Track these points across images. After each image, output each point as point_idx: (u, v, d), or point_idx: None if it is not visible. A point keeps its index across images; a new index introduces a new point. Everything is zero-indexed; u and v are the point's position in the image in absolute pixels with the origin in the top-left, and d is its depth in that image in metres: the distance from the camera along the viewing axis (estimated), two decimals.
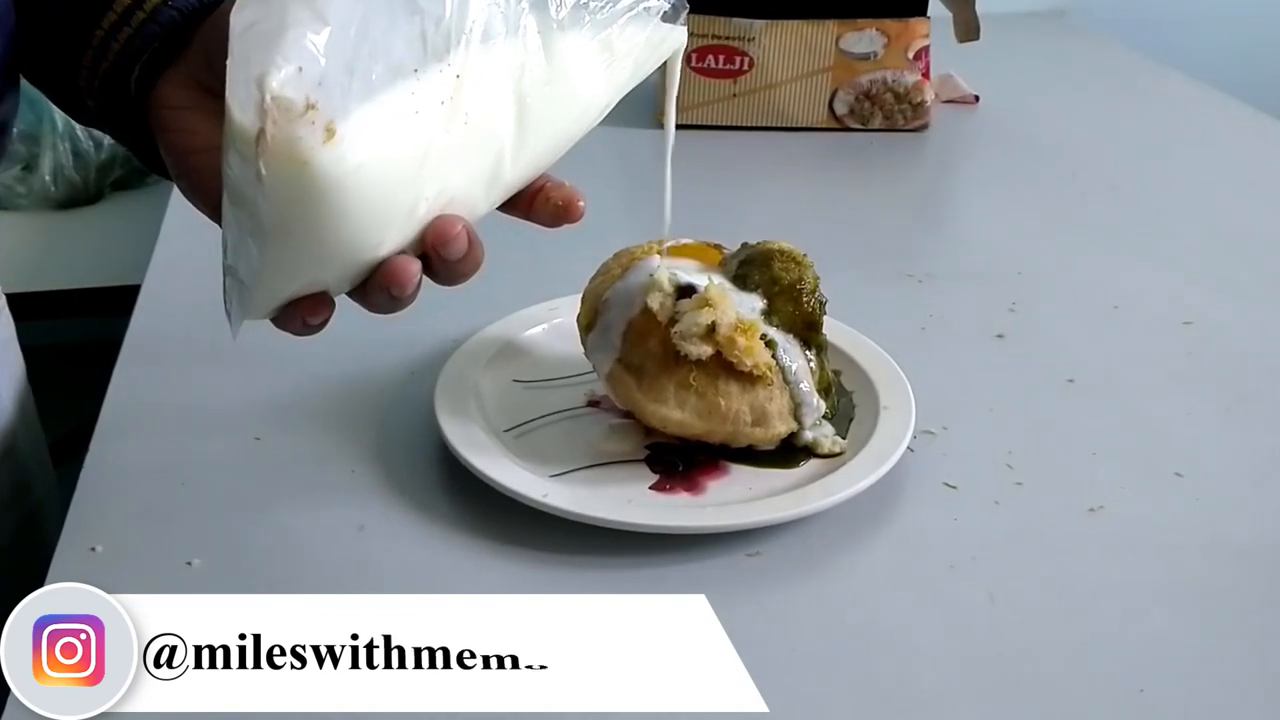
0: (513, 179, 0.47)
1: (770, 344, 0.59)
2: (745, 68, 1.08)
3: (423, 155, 0.42)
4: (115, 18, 0.48)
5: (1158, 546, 0.56)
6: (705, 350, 0.58)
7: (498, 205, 0.48)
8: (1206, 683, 0.49)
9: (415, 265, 0.44)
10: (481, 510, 0.56)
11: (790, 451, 0.60)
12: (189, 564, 0.53)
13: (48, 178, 1.37)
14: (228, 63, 0.39)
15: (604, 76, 0.48)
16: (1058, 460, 0.62)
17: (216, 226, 0.66)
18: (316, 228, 0.41)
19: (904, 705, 0.47)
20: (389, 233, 0.43)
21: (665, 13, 0.49)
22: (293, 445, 0.62)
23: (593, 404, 0.64)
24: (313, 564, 0.54)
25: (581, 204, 0.49)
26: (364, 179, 0.40)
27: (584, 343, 0.62)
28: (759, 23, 1.08)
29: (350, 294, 0.46)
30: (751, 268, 0.62)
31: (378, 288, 0.45)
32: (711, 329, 0.58)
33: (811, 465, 0.59)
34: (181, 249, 0.84)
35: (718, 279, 0.60)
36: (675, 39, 0.51)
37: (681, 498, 0.57)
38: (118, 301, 0.85)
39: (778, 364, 0.59)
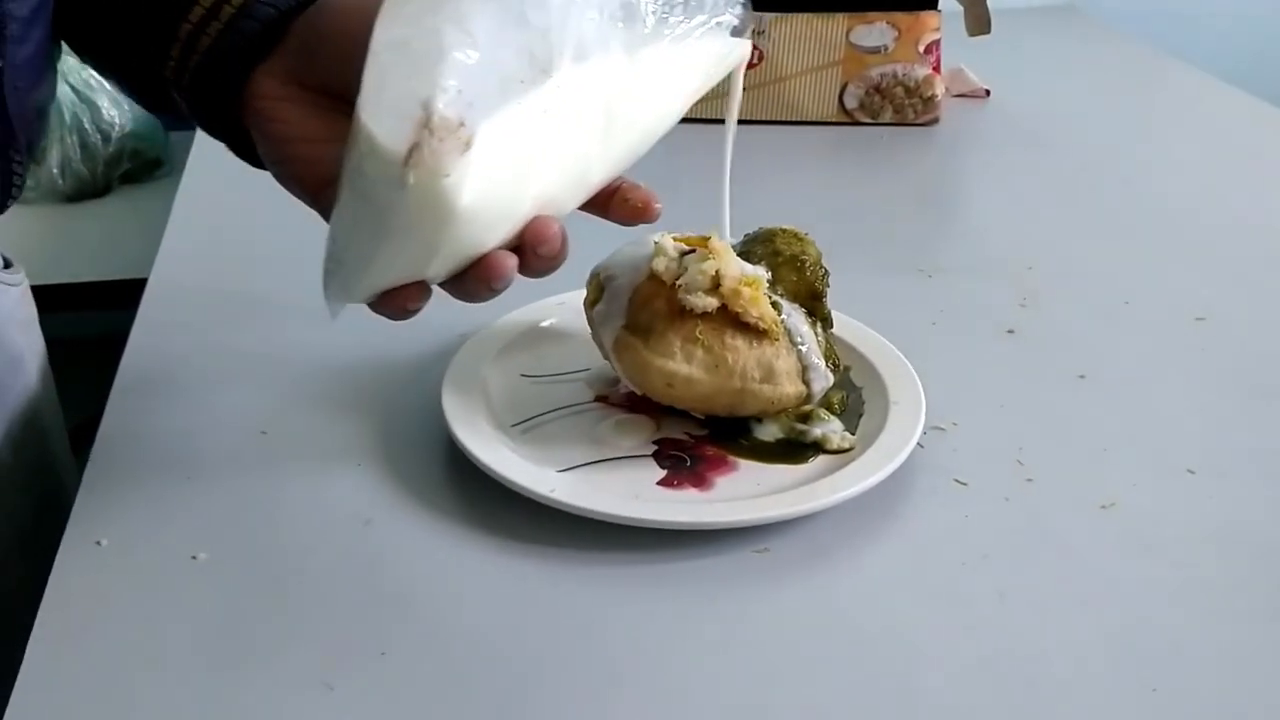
0: (597, 181, 0.50)
1: (775, 306, 0.59)
2: (755, 61, 1.07)
3: (529, 160, 0.45)
4: (203, 11, 0.51)
5: (1170, 543, 0.56)
6: (711, 302, 0.58)
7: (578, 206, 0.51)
8: (1219, 682, 0.48)
9: (513, 260, 0.47)
10: (488, 505, 0.56)
11: (799, 447, 0.60)
12: (194, 558, 0.53)
13: (55, 171, 1.38)
14: (368, 71, 0.41)
15: (681, 84, 0.52)
16: (1069, 457, 0.62)
17: (222, 222, 0.67)
18: (443, 231, 0.44)
19: (913, 703, 0.47)
20: (498, 232, 0.46)
21: (734, 27, 0.52)
22: (299, 439, 0.61)
23: (600, 399, 0.64)
24: (319, 558, 0.54)
25: (658, 205, 0.52)
26: (488, 187, 0.43)
27: (590, 320, 0.62)
28: (769, 15, 1.07)
29: (443, 285, 0.49)
30: (755, 244, 0.63)
31: (477, 279, 0.47)
32: (716, 282, 0.58)
33: (820, 461, 0.59)
34: (188, 242, 0.84)
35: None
36: (740, 52, 0.54)
37: (689, 493, 0.57)
38: (125, 295, 0.85)
39: (784, 325, 0.59)
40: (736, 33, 0.52)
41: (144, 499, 0.57)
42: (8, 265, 0.71)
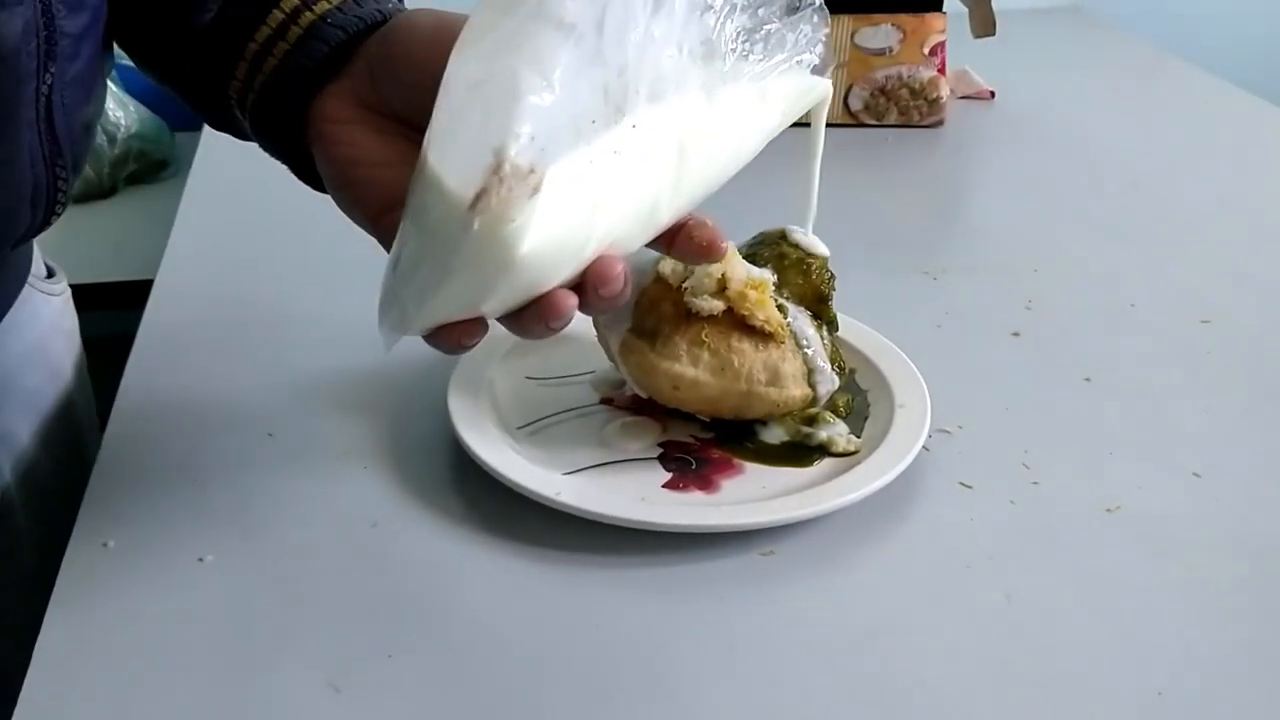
0: (666, 220, 0.48)
1: (781, 309, 0.59)
2: None
3: (596, 202, 0.44)
4: (270, 31, 0.50)
5: (1176, 547, 0.56)
6: (717, 305, 0.58)
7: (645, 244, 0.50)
8: (1225, 685, 0.48)
9: (573, 300, 0.46)
10: (494, 507, 0.56)
11: (804, 450, 0.60)
12: (201, 560, 0.53)
13: None
14: (438, 108, 0.40)
15: (758, 122, 0.50)
16: (1075, 459, 0.62)
17: (228, 223, 0.67)
18: (504, 274, 0.43)
19: (919, 706, 0.47)
20: (560, 273, 0.45)
21: (815, 65, 0.50)
22: (306, 441, 0.62)
23: (606, 401, 0.64)
24: (325, 560, 0.54)
25: (725, 245, 0.50)
26: (553, 231, 0.42)
27: (596, 323, 0.62)
28: None
29: (501, 320, 0.48)
30: (761, 247, 0.63)
31: (536, 318, 0.46)
32: (723, 285, 0.58)
33: (826, 464, 0.59)
34: (194, 244, 0.84)
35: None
36: (821, 89, 0.52)
37: (695, 496, 0.57)
38: (132, 296, 0.85)
39: (789, 328, 0.59)
40: (817, 71, 0.51)
41: (151, 501, 0.57)
42: (51, 274, 0.71)
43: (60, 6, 0.49)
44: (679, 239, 0.50)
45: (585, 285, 0.46)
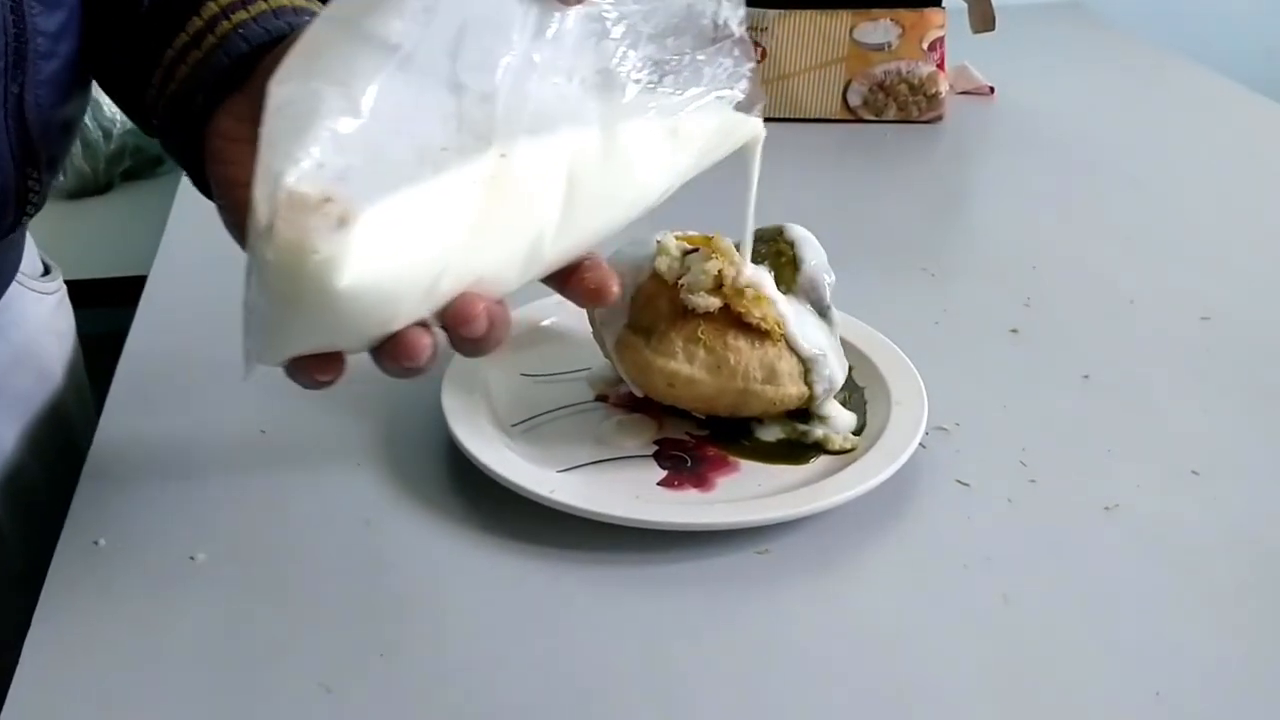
0: (552, 258, 0.45)
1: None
2: (758, 58, 1.07)
3: (447, 238, 0.41)
4: (186, 39, 0.48)
5: (1174, 546, 0.55)
6: (713, 302, 0.57)
7: (531, 282, 0.47)
8: (1223, 686, 0.48)
9: (427, 339, 0.42)
10: (488, 505, 0.56)
11: (800, 448, 0.60)
12: (193, 558, 0.53)
13: None
14: (263, 133, 0.37)
15: (667, 161, 0.46)
16: (1073, 458, 0.61)
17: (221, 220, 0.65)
18: (328, 310, 0.39)
19: (915, 706, 0.47)
20: (400, 311, 0.41)
21: (739, 102, 0.47)
22: (299, 439, 0.61)
23: (601, 399, 0.64)
24: (318, 558, 0.53)
25: (616, 289, 0.47)
26: (383, 266, 0.39)
27: (593, 322, 0.61)
28: (772, 12, 1.07)
29: (371, 354, 0.45)
30: (758, 244, 0.62)
31: (388, 357, 0.43)
32: (719, 282, 0.57)
33: (822, 462, 0.59)
34: (188, 242, 0.84)
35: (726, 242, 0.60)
36: (749, 129, 0.49)
37: (690, 494, 0.57)
38: (126, 292, 0.85)
39: (786, 328, 0.58)
40: (742, 108, 0.47)
41: (142, 499, 0.57)
42: (46, 271, 0.70)
43: (34, 4, 0.48)
44: (571, 280, 0.47)
45: (446, 323, 0.43)
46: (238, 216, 0.44)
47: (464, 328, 0.42)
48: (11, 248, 0.64)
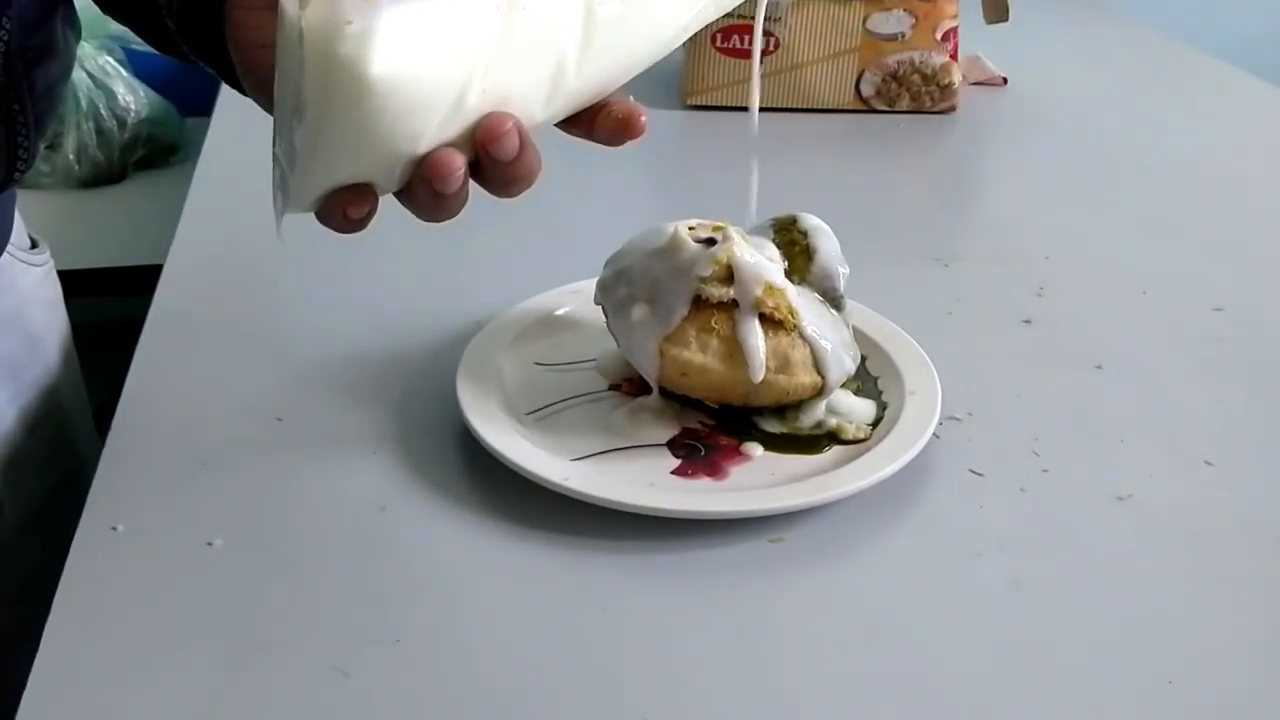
0: (575, 89, 0.45)
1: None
2: (771, 48, 1.07)
3: (471, 47, 0.41)
4: None
5: (1187, 535, 0.55)
6: (726, 292, 0.57)
7: (559, 119, 0.47)
8: (1236, 674, 0.48)
9: (460, 159, 0.43)
10: (502, 493, 0.56)
11: (813, 437, 0.60)
12: (210, 544, 0.53)
13: (71, 156, 1.38)
14: None
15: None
16: (1085, 447, 0.61)
17: (238, 208, 0.66)
18: (355, 113, 0.40)
19: (927, 694, 0.47)
20: (430, 123, 0.42)
21: None
22: (314, 426, 0.62)
23: (614, 387, 0.64)
24: (333, 545, 0.54)
25: (644, 119, 0.47)
26: (404, 65, 0.39)
27: (605, 312, 0.62)
28: (785, 1, 1.07)
29: (399, 197, 0.45)
30: (771, 233, 0.62)
31: (420, 181, 0.43)
32: (730, 271, 0.58)
33: (835, 451, 0.59)
34: (204, 229, 0.84)
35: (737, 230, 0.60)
36: None
37: (703, 482, 0.57)
38: (141, 280, 0.85)
39: (798, 315, 0.58)
40: None
41: (160, 485, 0.57)
42: (34, 245, 0.71)
43: None
44: (598, 119, 0.47)
45: (477, 148, 0.43)
46: (262, 76, 0.46)
47: (494, 146, 0.43)
48: (5, 215, 0.65)
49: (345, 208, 0.43)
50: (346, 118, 0.40)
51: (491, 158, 0.43)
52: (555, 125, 0.48)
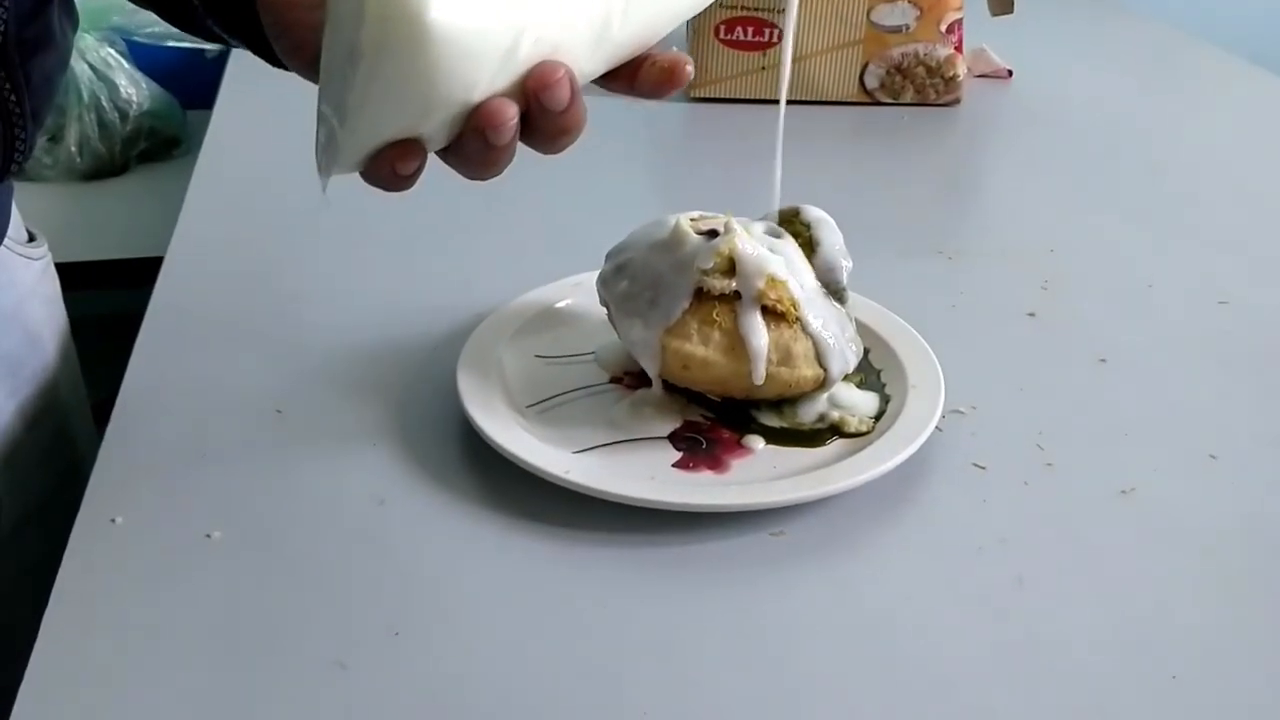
0: (621, 39, 0.45)
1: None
2: (774, 40, 1.06)
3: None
4: None
5: (1191, 530, 0.55)
6: (729, 284, 0.57)
7: (604, 71, 0.47)
8: (1240, 670, 0.48)
9: (513, 108, 0.43)
10: (503, 486, 0.56)
11: (815, 430, 0.60)
12: (209, 536, 0.53)
13: (73, 149, 1.38)
14: None
15: None
16: (1089, 441, 0.61)
17: (239, 201, 0.66)
18: (412, 61, 0.40)
19: (929, 689, 0.46)
20: (484, 72, 0.42)
21: None
22: (314, 419, 0.61)
23: (615, 380, 0.64)
24: (333, 538, 0.54)
25: (689, 67, 0.47)
26: (461, 12, 0.40)
27: (606, 304, 0.61)
28: None
29: (445, 155, 0.45)
30: (775, 226, 0.62)
31: (473, 130, 0.43)
32: (732, 264, 0.57)
33: (837, 444, 0.59)
34: (205, 221, 0.84)
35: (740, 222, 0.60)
36: None
37: (705, 475, 0.57)
38: (143, 273, 0.85)
39: (800, 310, 0.58)
40: None
41: (159, 477, 0.57)
42: (32, 239, 0.71)
43: None
44: (640, 71, 0.47)
45: (528, 97, 0.43)
46: (295, 36, 0.46)
47: (546, 94, 0.43)
48: (3, 209, 0.65)
49: (394, 163, 0.43)
50: (403, 65, 0.40)
51: (543, 107, 0.43)
52: (596, 83, 0.48)
